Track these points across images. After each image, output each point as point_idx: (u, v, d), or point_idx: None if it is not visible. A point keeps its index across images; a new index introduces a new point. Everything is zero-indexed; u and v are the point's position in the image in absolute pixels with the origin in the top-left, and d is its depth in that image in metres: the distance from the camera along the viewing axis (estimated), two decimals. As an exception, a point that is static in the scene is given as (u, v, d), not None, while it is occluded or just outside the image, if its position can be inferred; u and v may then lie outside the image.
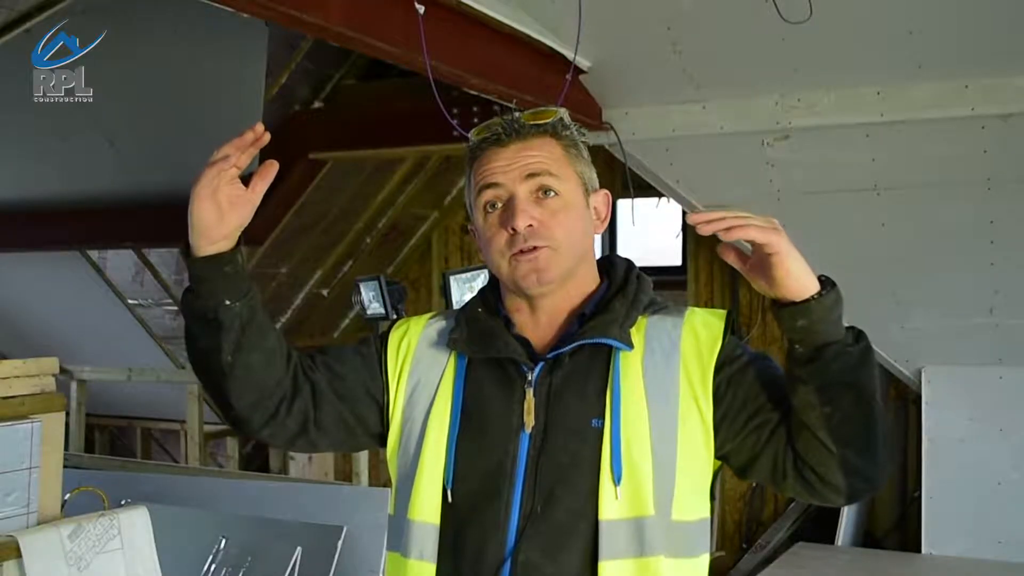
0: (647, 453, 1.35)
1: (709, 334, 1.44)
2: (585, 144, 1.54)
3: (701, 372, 1.40)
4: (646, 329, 1.44)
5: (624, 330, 1.41)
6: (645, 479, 1.34)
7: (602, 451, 1.35)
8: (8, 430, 1.92)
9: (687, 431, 1.37)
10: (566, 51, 3.80)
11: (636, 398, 1.38)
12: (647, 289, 1.50)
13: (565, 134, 1.51)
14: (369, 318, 3.87)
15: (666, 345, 1.42)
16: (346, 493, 3.44)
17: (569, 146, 1.50)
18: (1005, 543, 4.64)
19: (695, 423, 1.38)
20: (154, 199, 5.89)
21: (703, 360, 1.41)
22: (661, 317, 1.47)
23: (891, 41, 3.70)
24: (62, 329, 6.89)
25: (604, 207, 1.53)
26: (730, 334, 1.45)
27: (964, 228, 4.26)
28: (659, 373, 1.40)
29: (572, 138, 1.51)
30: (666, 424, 1.37)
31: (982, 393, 4.76)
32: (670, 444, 1.36)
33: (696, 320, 1.47)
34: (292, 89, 5.94)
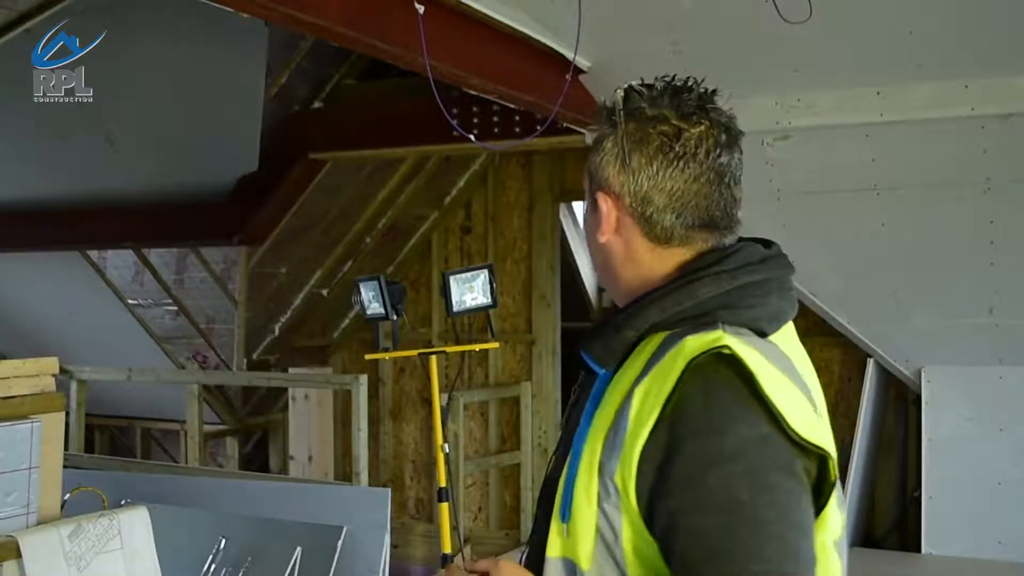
0: (592, 508, 1.11)
1: (649, 405, 1.08)
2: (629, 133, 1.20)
3: (627, 466, 1.08)
4: (655, 350, 1.13)
5: (609, 345, 1.17)
6: (585, 535, 1.12)
7: (560, 480, 1.17)
8: (8, 430, 1.92)
9: (627, 524, 1.09)
10: (566, 51, 3.80)
11: (597, 437, 1.13)
12: (697, 292, 1.15)
13: (601, 120, 1.25)
14: (369, 318, 3.87)
15: (635, 384, 1.12)
16: (346, 493, 3.45)
17: (595, 137, 1.25)
18: (1005, 543, 4.64)
19: (630, 524, 1.09)
20: (154, 199, 5.90)
21: (630, 447, 1.08)
22: (678, 335, 1.13)
23: (891, 41, 3.70)
24: (62, 329, 6.89)
25: (603, 210, 1.23)
26: (675, 427, 1.05)
27: (964, 228, 4.26)
28: (617, 421, 1.11)
29: (603, 126, 1.24)
30: (608, 500, 1.10)
31: (982, 393, 4.76)
32: (613, 521, 1.10)
33: (667, 364, 1.09)
34: (292, 89, 5.94)
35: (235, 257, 6.26)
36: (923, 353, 4.81)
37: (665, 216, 1.19)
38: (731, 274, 1.16)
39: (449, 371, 6.24)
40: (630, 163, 1.19)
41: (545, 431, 6.62)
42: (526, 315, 6.71)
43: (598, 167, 1.23)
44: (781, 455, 1.04)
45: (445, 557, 3.77)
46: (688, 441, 1.04)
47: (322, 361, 7.22)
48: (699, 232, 1.20)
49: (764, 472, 1.03)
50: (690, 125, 1.17)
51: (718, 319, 1.12)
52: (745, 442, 1.03)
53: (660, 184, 1.18)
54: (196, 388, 6.17)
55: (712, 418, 1.04)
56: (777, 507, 1.02)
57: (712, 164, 1.18)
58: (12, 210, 6.21)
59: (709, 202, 1.19)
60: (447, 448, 3.75)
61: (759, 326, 1.15)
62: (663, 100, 1.19)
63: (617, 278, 1.25)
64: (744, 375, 1.05)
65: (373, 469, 6.67)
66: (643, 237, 1.21)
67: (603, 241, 1.23)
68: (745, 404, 1.04)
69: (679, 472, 1.03)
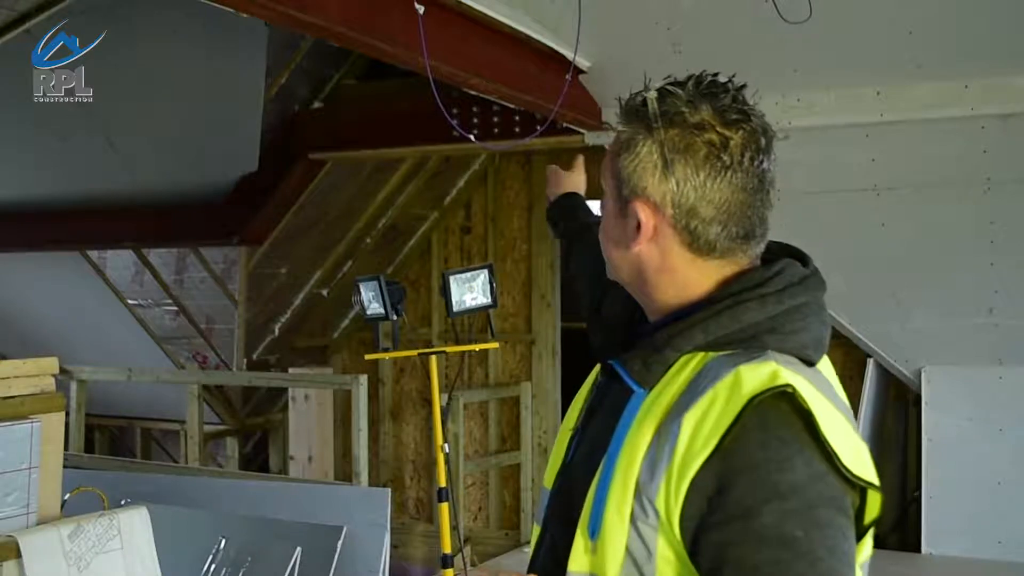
0: (624, 526, 1.10)
1: (703, 436, 1.06)
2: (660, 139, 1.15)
3: (672, 493, 1.07)
4: (698, 373, 1.11)
5: (650, 365, 1.14)
6: (614, 552, 1.10)
7: (588, 494, 1.15)
8: (8, 430, 1.92)
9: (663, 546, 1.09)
10: (566, 51, 3.80)
11: (635, 455, 1.11)
12: (742, 316, 1.13)
13: (631, 121, 1.18)
14: (369, 318, 3.87)
15: (680, 410, 1.09)
16: (346, 493, 3.45)
17: (624, 139, 1.18)
18: (1005, 543, 4.64)
19: (668, 547, 1.09)
20: (154, 199, 5.90)
21: (679, 475, 1.06)
22: (725, 361, 1.11)
23: (891, 41, 3.70)
24: (62, 329, 6.89)
25: (641, 220, 1.16)
26: (730, 460, 1.04)
27: (964, 228, 4.26)
28: (660, 444, 1.09)
29: (635, 128, 1.17)
30: (644, 520, 1.09)
31: (982, 393, 4.77)
32: (647, 542, 1.09)
33: (722, 396, 1.07)
34: (292, 89, 5.94)
35: (235, 257, 6.26)
36: (923, 353, 4.81)
37: (711, 228, 1.14)
38: (776, 297, 1.14)
39: (449, 371, 6.24)
40: (674, 172, 1.13)
41: (545, 431, 6.62)
42: (526, 315, 6.71)
43: (631, 173, 1.16)
44: (834, 492, 1.06)
45: (445, 557, 3.77)
46: (744, 475, 1.04)
47: (322, 361, 7.22)
48: (740, 243, 1.16)
49: (818, 508, 1.04)
50: (733, 132, 1.13)
51: (766, 345, 1.11)
52: (801, 479, 1.04)
53: (708, 195, 1.13)
54: (196, 388, 6.17)
55: (769, 455, 1.04)
56: (829, 542, 1.03)
57: (756, 171, 1.14)
58: (12, 210, 6.21)
59: (752, 211, 1.15)
60: (447, 448, 3.76)
61: (806, 354, 1.14)
62: (702, 104, 1.14)
63: (650, 289, 1.20)
64: (802, 413, 1.06)
65: (373, 469, 6.67)
66: (683, 248, 1.16)
67: (636, 250, 1.18)
68: (802, 442, 1.05)
69: (733, 505, 1.03)
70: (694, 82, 1.17)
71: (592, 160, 1.70)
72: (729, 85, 1.17)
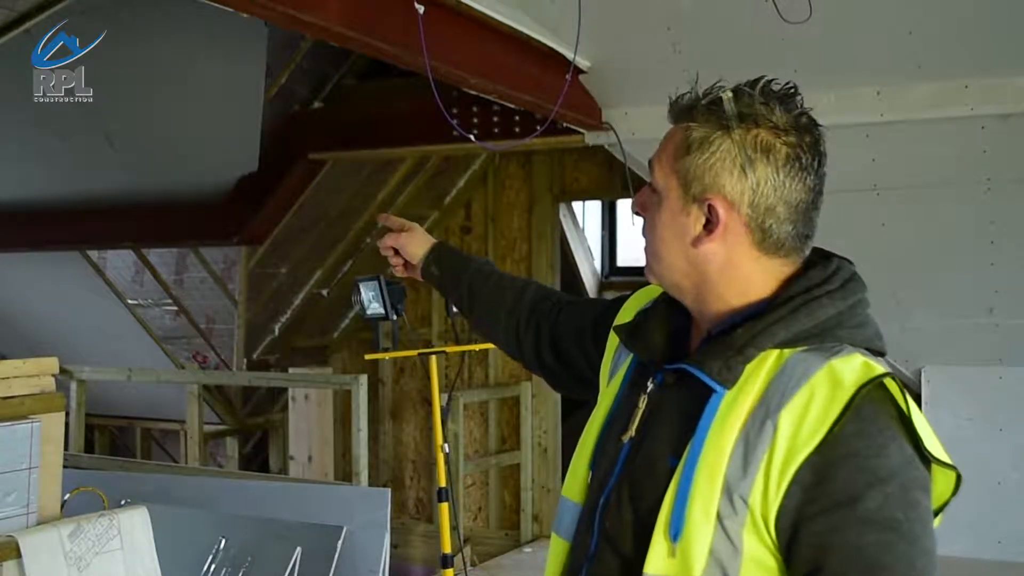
0: (710, 525, 1.12)
1: (808, 429, 1.09)
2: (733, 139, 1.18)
3: (771, 488, 1.09)
4: (780, 370, 1.14)
5: (731, 364, 1.15)
6: (698, 553, 1.12)
7: (666, 496, 1.16)
8: (8, 430, 1.92)
9: (751, 543, 1.11)
10: (566, 51, 3.80)
11: (720, 453, 1.12)
12: (817, 312, 1.16)
13: (705, 119, 1.20)
14: (369, 318, 3.87)
15: (772, 407, 1.11)
16: (346, 493, 3.45)
17: (697, 136, 1.20)
18: (1005, 543, 4.64)
19: (758, 544, 1.11)
20: (154, 199, 5.90)
21: (780, 471, 1.09)
22: (807, 357, 1.14)
23: (891, 41, 3.70)
24: (62, 329, 6.89)
25: (720, 216, 1.18)
26: (829, 450, 1.07)
27: (964, 228, 4.26)
28: (752, 441, 1.11)
29: (710, 127, 1.19)
30: (733, 518, 1.11)
31: (982, 393, 4.77)
32: (735, 540, 1.11)
33: (821, 390, 1.10)
34: (292, 89, 5.94)
35: (235, 257, 6.27)
36: (923, 353, 4.81)
37: (784, 227, 1.19)
38: (841, 293, 1.18)
39: (449, 371, 6.24)
40: (755, 171, 1.17)
41: (545, 431, 6.62)
42: (526, 315, 6.71)
43: (706, 170, 1.19)
44: (923, 475, 1.12)
45: (445, 557, 3.77)
46: (844, 463, 1.08)
47: (322, 361, 7.22)
48: (802, 243, 1.21)
49: (912, 491, 1.10)
50: (807, 136, 1.19)
51: (840, 338, 1.16)
52: (897, 463, 1.09)
53: (786, 196, 1.18)
54: (196, 388, 6.17)
55: (868, 441, 1.09)
56: (923, 523, 1.10)
57: (821, 174, 1.20)
58: (12, 210, 6.21)
59: (815, 213, 1.21)
60: (447, 448, 3.76)
61: (876, 345, 1.19)
62: (776, 107, 1.19)
63: (710, 286, 1.22)
64: (894, 401, 1.11)
65: (373, 469, 6.67)
66: (751, 246, 1.20)
67: (701, 248, 1.20)
68: (893, 429, 1.10)
69: (835, 493, 1.07)
70: (765, 84, 1.22)
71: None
72: (796, 91, 1.23)
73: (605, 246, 8.23)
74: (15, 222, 6.26)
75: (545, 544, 6.45)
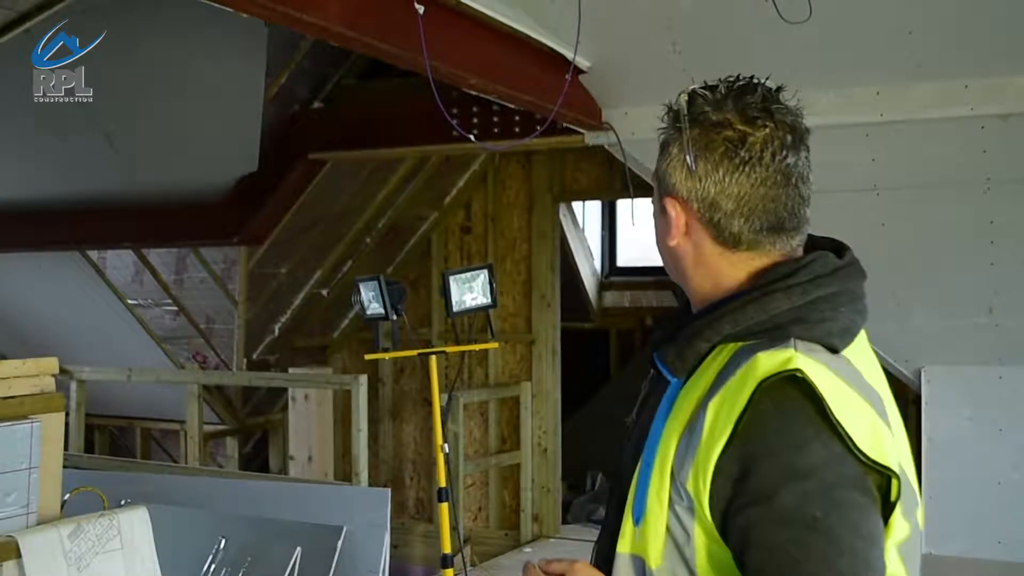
0: (663, 511, 1.15)
1: (722, 421, 1.11)
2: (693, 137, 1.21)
3: (700, 478, 1.12)
4: (726, 363, 1.16)
5: (683, 355, 1.19)
6: (657, 536, 1.16)
7: (632, 480, 1.21)
8: (8, 430, 1.92)
9: (698, 529, 1.14)
10: (566, 51, 3.80)
11: (670, 442, 1.16)
12: (768, 306, 1.16)
13: (669, 123, 1.25)
14: (369, 318, 3.87)
15: (706, 398, 1.15)
16: (346, 493, 3.45)
17: (661, 141, 1.26)
18: (1005, 543, 4.64)
19: (702, 530, 1.13)
20: (154, 199, 5.90)
21: (704, 460, 1.11)
22: (748, 350, 1.15)
23: (891, 41, 3.70)
24: (62, 329, 6.89)
25: (672, 216, 1.23)
26: (749, 444, 1.08)
27: (964, 228, 4.26)
28: (691, 431, 1.14)
29: (670, 130, 1.24)
30: (680, 504, 1.15)
31: (982, 393, 4.76)
32: (685, 525, 1.14)
33: (737, 382, 1.12)
34: (292, 89, 5.94)
35: (235, 257, 6.26)
36: (923, 353, 4.81)
37: (733, 221, 1.20)
38: (803, 288, 1.17)
39: (449, 371, 6.24)
40: (696, 169, 1.20)
41: (545, 431, 6.62)
42: (526, 315, 6.72)
43: (665, 172, 1.24)
44: (852, 472, 1.08)
45: (445, 557, 3.77)
46: (763, 459, 1.08)
47: (322, 361, 7.22)
48: (768, 236, 1.21)
49: (837, 489, 1.07)
50: (755, 129, 1.19)
51: (791, 334, 1.15)
52: (818, 460, 1.07)
53: (727, 190, 1.19)
54: (196, 388, 6.17)
55: (787, 438, 1.08)
56: (849, 522, 1.06)
57: (779, 167, 1.19)
58: (12, 210, 6.21)
59: (777, 205, 1.19)
60: (447, 448, 3.76)
61: (831, 342, 1.16)
62: (727, 104, 1.20)
63: (689, 281, 1.26)
64: (814, 397, 1.09)
65: (373, 469, 6.67)
66: (712, 242, 1.22)
67: (672, 245, 1.25)
68: (817, 425, 1.08)
69: (754, 488, 1.07)
70: (726, 84, 1.23)
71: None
72: (759, 86, 1.22)
73: (605, 246, 8.23)
74: (15, 222, 6.26)
75: (544, 544, 6.46)
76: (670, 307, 1.41)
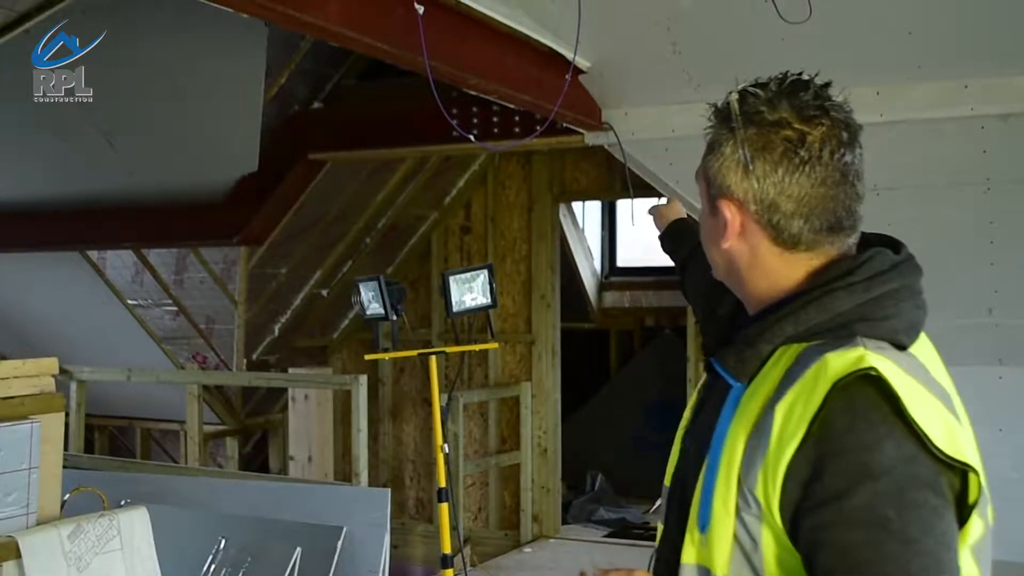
0: (730, 519, 1.13)
1: (793, 423, 1.08)
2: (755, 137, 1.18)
3: (770, 483, 1.09)
4: (791, 364, 1.13)
5: (744, 358, 1.17)
6: (724, 545, 1.14)
7: (696, 489, 1.19)
8: (8, 430, 1.92)
9: (767, 536, 1.12)
10: (566, 51, 3.80)
11: (735, 448, 1.14)
12: (830, 306, 1.14)
13: (719, 122, 1.23)
14: (368, 318, 3.87)
15: (773, 401, 1.12)
16: (346, 493, 3.45)
17: (711, 140, 1.23)
18: (1005, 543, 4.62)
19: (772, 535, 1.11)
20: (154, 199, 5.90)
21: (774, 464, 1.09)
22: (815, 351, 1.12)
23: (891, 41, 3.70)
24: (62, 329, 6.89)
25: (727, 218, 1.20)
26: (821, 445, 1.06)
27: (964, 228, 4.25)
28: (757, 435, 1.12)
29: (720, 129, 1.22)
30: (748, 511, 1.12)
31: (982, 393, 4.75)
32: (753, 533, 1.12)
33: (809, 383, 1.09)
34: (292, 89, 5.94)
35: (235, 257, 6.27)
36: (923, 353, 4.80)
37: (793, 222, 1.17)
38: (864, 285, 1.15)
39: (449, 371, 6.24)
40: (754, 170, 1.17)
41: (545, 431, 6.62)
42: (526, 315, 6.72)
43: (717, 172, 1.21)
44: (926, 472, 1.07)
45: (445, 557, 3.77)
46: (835, 459, 1.06)
47: (322, 361, 7.22)
48: (826, 235, 1.19)
49: (910, 490, 1.05)
50: (812, 127, 1.17)
51: (856, 332, 1.13)
52: (891, 461, 1.05)
53: (787, 190, 1.17)
54: (196, 388, 6.17)
55: (859, 437, 1.06)
56: (922, 523, 1.05)
57: (836, 165, 1.17)
58: (12, 210, 6.21)
59: (835, 204, 1.18)
60: (447, 448, 3.76)
61: (898, 339, 1.15)
62: (781, 102, 1.18)
63: (744, 283, 1.24)
64: (888, 395, 1.07)
65: (373, 469, 6.67)
66: (770, 243, 1.19)
67: (726, 247, 1.22)
68: (891, 424, 1.07)
69: (826, 489, 1.05)
70: (776, 82, 1.22)
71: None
72: (811, 83, 1.22)
73: (605, 246, 8.23)
74: (15, 222, 6.26)
75: (544, 544, 6.46)
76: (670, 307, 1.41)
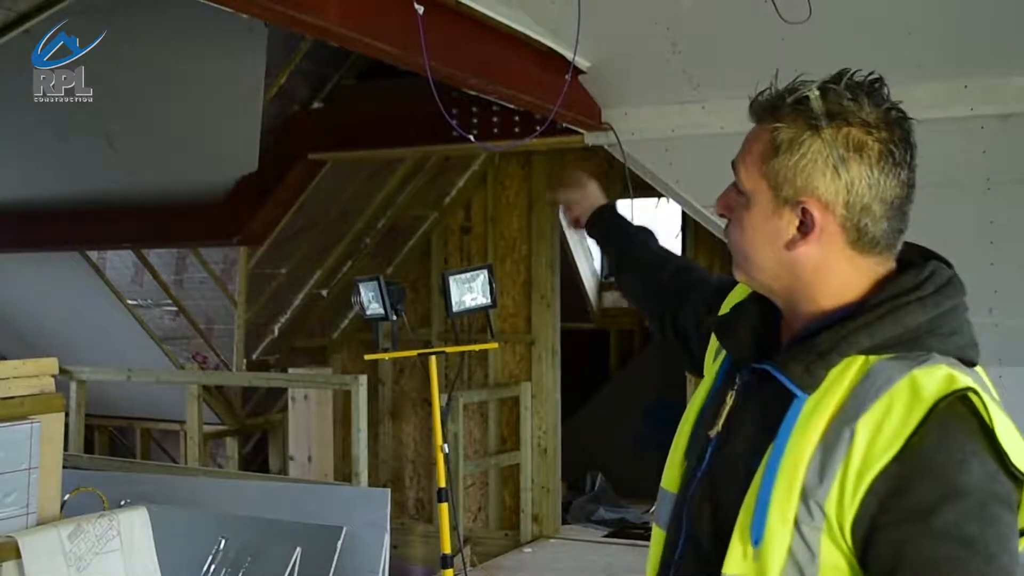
0: (788, 531, 1.11)
1: (885, 439, 1.06)
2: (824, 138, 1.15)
3: (847, 497, 1.07)
4: (863, 377, 1.11)
5: (813, 369, 1.13)
6: (777, 557, 1.11)
7: (746, 499, 1.15)
8: (8, 430, 1.92)
9: (828, 549, 1.10)
10: (566, 51, 3.80)
11: (800, 459, 1.11)
12: (905, 319, 1.13)
13: (792, 119, 1.18)
14: (368, 318, 3.87)
15: (851, 414, 1.09)
16: (346, 493, 3.45)
17: (785, 138, 1.17)
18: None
19: (834, 550, 1.10)
20: (154, 199, 5.90)
21: (856, 479, 1.07)
22: (891, 365, 1.11)
23: (891, 41, 3.70)
24: (62, 329, 6.89)
25: (816, 218, 1.15)
26: (908, 461, 1.05)
27: (964, 228, 4.25)
28: (830, 448, 1.09)
29: (798, 127, 1.17)
30: (810, 524, 1.10)
31: (982, 393, 4.76)
32: (812, 546, 1.10)
33: (901, 400, 1.08)
34: (292, 89, 5.94)
35: (235, 257, 6.27)
36: (923, 353, 4.80)
37: (880, 225, 1.15)
38: (933, 299, 1.15)
39: (449, 371, 6.24)
40: (848, 171, 1.14)
41: (545, 431, 6.62)
42: (526, 315, 6.72)
43: (798, 172, 1.16)
44: (1004, 490, 1.08)
45: (445, 557, 3.77)
46: (924, 476, 1.05)
47: (322, 361, 7.22)
48: (896, 239, 1.18)
49: (991, 506, 1.06)
50: (898, 130, 1.16)
51: (928, 347, 1.12)
52: (978, 479, 1.06)
53: (881, 193, 1.14)
54: (196, 388, 6.17)
55: (948, 454, 1.06)
56: (1000, 540, 1.06)
57: (914, 167, 1.17)
58: (12, 210, 6.21)
59: (909, 207, 1.17)
60: (446, 448, 3.76)
61: (969, 356, 1.16)
62: (864, 101, 1.16)
63: (801, 289, 1.20)
64: (978, 415, 1.08)
65: (373, 469, 6.67)
66: (845, 245, 1.16)
67: (795, 251, 1.17)
68: (976, 442, 1.07)
69: (912, 505, 1.05)
70: (850, 80, 1.19)
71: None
72: (882, 83, 1.20)
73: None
74: (15, 222, 6.26)
75: (544, 544, 6.46)
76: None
